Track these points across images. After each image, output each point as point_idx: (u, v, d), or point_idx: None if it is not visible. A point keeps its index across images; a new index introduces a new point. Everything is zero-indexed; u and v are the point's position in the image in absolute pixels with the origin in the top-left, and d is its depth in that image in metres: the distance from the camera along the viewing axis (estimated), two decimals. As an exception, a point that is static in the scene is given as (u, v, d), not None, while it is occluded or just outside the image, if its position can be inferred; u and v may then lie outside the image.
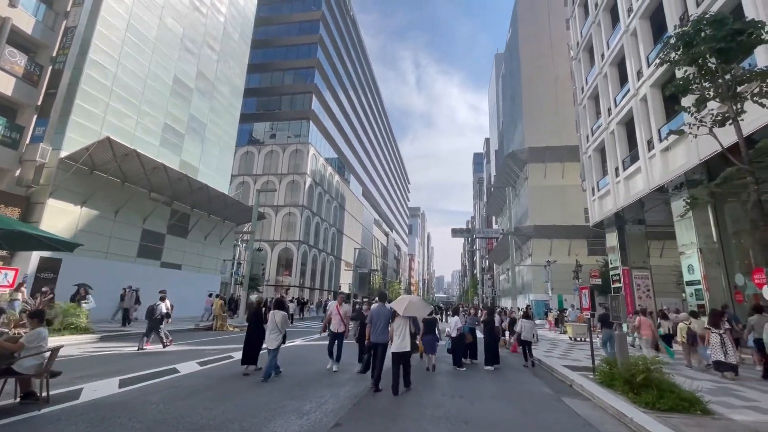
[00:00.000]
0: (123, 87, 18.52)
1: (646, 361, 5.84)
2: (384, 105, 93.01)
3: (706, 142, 12.10)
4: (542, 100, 41.05)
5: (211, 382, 6.25)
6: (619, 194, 18.23)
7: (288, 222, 40.83)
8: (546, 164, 37.05)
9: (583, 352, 12.33)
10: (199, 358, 8.58)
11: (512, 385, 7.40)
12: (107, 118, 17.64)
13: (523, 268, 39.62)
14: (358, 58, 65.73)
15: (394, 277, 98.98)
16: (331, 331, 8.28)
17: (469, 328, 10.05)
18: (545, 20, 43.88)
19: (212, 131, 25.34)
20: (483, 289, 59.73)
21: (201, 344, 11.24)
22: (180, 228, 22.14)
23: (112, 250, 17.85)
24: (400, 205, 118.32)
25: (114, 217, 17.98)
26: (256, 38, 46.25)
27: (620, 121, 18.09)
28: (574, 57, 24.34)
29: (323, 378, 7.16)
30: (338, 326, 8.25)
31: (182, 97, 22.58)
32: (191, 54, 23.42)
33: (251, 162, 43.19)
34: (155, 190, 19.78)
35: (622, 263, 19.73)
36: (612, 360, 6.95)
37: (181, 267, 22.09)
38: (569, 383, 7.44)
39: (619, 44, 17.75)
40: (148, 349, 9.61)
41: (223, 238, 25.84)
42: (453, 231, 22.79)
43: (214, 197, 21.98)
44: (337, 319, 8.33)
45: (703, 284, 13.22)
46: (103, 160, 16.33)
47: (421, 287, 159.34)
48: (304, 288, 40.70)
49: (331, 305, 8.77)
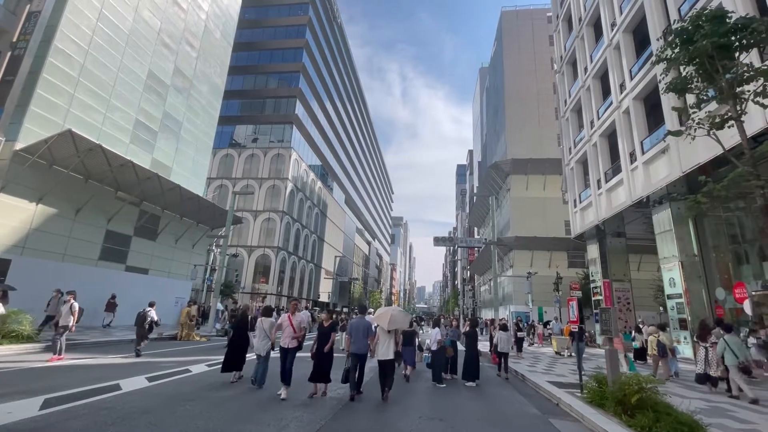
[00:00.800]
0: (91, 79, 17.45)
1: (639, 379, 5.38)
2: (369, 114, 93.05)
3: (688, 155, 12.11)
4: (525, 113, 41.66)
5: (152, 403, 5.39)
6: (601, 206, 18.22)
7: (267, 228, 39.63)
8: (528, 176, 37.34)
9: (566, 366, 11.94)
10: (152, 371, 7.68)
11: (496, 404, 6.84)
12: (71, 110, 16.50)
13: (504, 280, 39.54)
14: (344, 66, 65.58)
15: (375, 286, 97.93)
16: (281, 347, 6.74)
17: (450, 341, 9.48)
18: (529, 36, 44.82)
19: (188, 131, 24.29)
20: (464, 300, 59.55)
21: (160, 355, 10.25)
22: (149, 230, 20.91)
23: (71, 252, 16.56)
24: (383, 214, 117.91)
25: (74, 217, 16.73)
26: (242, 41, 45.60)
27: (603, 134, 18.19)
28: (558, 70, 24.62)
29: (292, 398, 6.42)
30: (289, 341, 6.70)
31: (157, 94, 21.56)
32: (168, 49, 22.48)
33: (231, 165, 41.95)
34: (122, 189, 18.61)
35: (603, 275, 19.70)
36: (601, 377, 6.50)
37: (148, 271, 20.80)
38: (556, 401, 6.94)
39: (602, 57, 17.92)
40: (77, 362, 8.63)
41: (196, 242, 24.63)
42: (435, 239, 22.35)
43: (188, 199, 20.89)
44: (289, 332, 6.75)
45: (684, 298, 13.11)
46: (64, 155, 15.18)
47: (402, 297, 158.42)
48: (281, 296, 39.39)
49: (283, 318, 7.03)
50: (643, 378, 5.41)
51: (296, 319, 6.93)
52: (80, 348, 10.85)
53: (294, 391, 6.53)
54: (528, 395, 7.71)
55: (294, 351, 6.69)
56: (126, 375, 7.16)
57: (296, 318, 6.98)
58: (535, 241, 33.83)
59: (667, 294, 14.09)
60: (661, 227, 14.58)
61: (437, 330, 9.01)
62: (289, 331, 6.76)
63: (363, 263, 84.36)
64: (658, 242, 14.72)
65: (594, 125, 18.85)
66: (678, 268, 13.49)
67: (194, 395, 5.96)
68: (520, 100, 42.12)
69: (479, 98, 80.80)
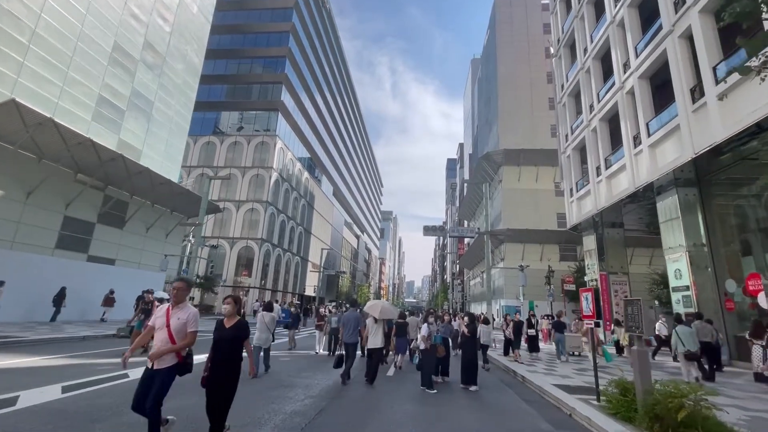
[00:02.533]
0: (44, 47, 15.67)
1: (685, 389, 4.23)
2: (359, 105, 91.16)
3: (702, 134, 11.08)
4: (518, 103, 40.66)
5: (37, 427, 4.03)
6: (600, 194, 17.23)
7: (250, 219, 37.93)
8: (520, 167, 36.42)
9: (568, 366, 10.89)
10: (79, 377, 6.29)
11: (498, 416, 5.65)
12: (20, 80, 14.76)
13: (495, 273, 38.71)
14: (333, 55, 63.59)
15: (363, 280, 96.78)
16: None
17: (441, 339, 8.27)
18: (523, 24, 43.72)
19: (161, 111, 22.53)
20: (453, 294, 58.86)
21: (99, 356, 8.79)
22: (115, 217, 19.21)
23: (21, 239, 14.88)
24: (373, 208, 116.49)
25: (25, 200, 15.01)
26: (226, 23, 43.50)
27: (603, 117, 17.14)
28: (555, 54, 23.50)
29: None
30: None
31: (124, 68, 19.76)
32: (137, 21, 20.64)
33: (212, 153, 40.04)
34: (83, 171, 16.90)
35: (600, 268, 18.81)
36: (625, 384, 5.35)
37: (114, 262, 19.15)
38: (568, 412, 5.79)
39: (604, 36, 16.83)
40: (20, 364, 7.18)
41: (170, 231, 22.97)
42: (425, 228, 21.17)
43: (159, 184, 19.24)
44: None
45: (692, 290, 12.17)
46: (10, 129, 13.46)
47: (392, 291, 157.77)
48: (265, 290, 37.88)
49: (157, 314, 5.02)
50: (690, 386, 4.25)
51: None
52: (14, 347, 9.34)
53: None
54: (532, 402, 6.56)
55: (167, 374, 3.38)
56: (40, 383, 5.76)
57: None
58: (527, 234, 33.00)
59: (672, 286, 13.15)
60: (666, 215, 13.61)
61: (425, 326, 7.79)
62: (161, 338, 3.48)
63: (352, 257, 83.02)
64: (662, 231, 13.75)
65: (594, 109, 17.80)
66: (685, 259, 12.54)
67: (108, 413, 4.59)
68: (514, 88, 41.09)
69: (470, 91, 79.74)
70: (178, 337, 3.46)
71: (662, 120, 13.00)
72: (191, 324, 3.54)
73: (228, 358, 3.59)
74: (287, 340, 12.98)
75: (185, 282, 3.67)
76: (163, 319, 3.51)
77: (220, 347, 3.63)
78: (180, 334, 3.48)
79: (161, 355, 3.35)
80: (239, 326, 3.76)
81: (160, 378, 3.32)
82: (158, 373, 3.34)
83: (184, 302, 3.65)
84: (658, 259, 26.99)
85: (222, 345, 3.64)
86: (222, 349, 3.62)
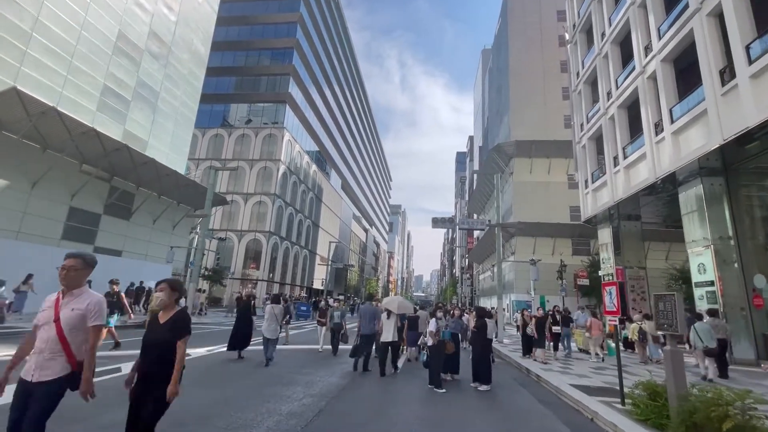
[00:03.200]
0: (48, 35, 15.46)
1: (729, 396, 3.72)
2: (368, 98, 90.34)
3: (733, 118, 10.34)
4: (530, 93, 39.55)
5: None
6: (618, 185, 16.49)
7: (258, 211, 37.84)
8: (532, 159, 35.53)
9: (584, 363, 10.38)
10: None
11: (513, 421, 5.21)
12: (23, 69, 14.58)
13: (505, 267, 38.05)
14: (341, 46, 62.87)
15: (372, 274, 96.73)
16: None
17: (450, 334, 7.83)
18: (536, 11, 42.41)
19: (167, 101, 22.31)
20: (462, 289, 58.31)
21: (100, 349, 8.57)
22: (121, 208, 19.12)
23: (26, 230, 14.81)
24: (381, 201, 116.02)
25: (30, 190, 14.92)
26: (233, 14, 43.11)
27: (621, 105, 16.34)
28: (570, 40, 22.58)
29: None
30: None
31: (129, 58, 19.53)
32: (142, 9, 20.35)
33: (221, 146, 39.95)
34: (88, 162, 16.75)
35: (615, 262, 18.12)
36: (655, 387, 4.85)
37: (121, 253, 19.10)
38: (590, 416, 5.32)
39: (624, 18, 15.97)
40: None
41: (177, 222, 22.87)
42: (434, 220, 20.66)
43: (165, 176, 19.10)
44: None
45: (717, 285, 11.50)
46: (13, 118, 13.31)
47: (400, 285, 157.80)
48: (273, 282, 37.87)
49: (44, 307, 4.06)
50: (737, 393, 3.74)
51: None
52: (16, 338, 9.19)
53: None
54: (549, 403, 6.10)
55: (53, 388, 2.40)
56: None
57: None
58: (538, 227, 32.20)
59: (695, 282, 12.47)
60: (689, 207, 12.90)
61: (433, 321, 7.35)
62: (46, 338, 2.48)
63: (360, 250, 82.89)
64: (685, 224, 13.05)
65: (611, 96, 16.99)
66: (710, 253, 11.85)
67: (88, 412, 4.27)
68: (526, 77, 39.94)
69: (481, 82, 78.32)
70: (71, 335, 2.48)
71: (689, 104, 12.23)
72: (93, 316, 2.55)
73: (162, 361, 2.66)
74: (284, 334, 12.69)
75: (81, 259, 2.68)
76: (50, 312, 2.52)
77: (149, 351, 2.70)
78: (75, 330, 2.49)
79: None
80: (176, 321, 2.78)
81: (42, 393, 2.33)
82: (39, 388, 2.34)
83: (80, 287, 2.67)
84: (675, 253, 26.07)
85: (151, 348, 2.71)
86: (152, 353, 2.69)
